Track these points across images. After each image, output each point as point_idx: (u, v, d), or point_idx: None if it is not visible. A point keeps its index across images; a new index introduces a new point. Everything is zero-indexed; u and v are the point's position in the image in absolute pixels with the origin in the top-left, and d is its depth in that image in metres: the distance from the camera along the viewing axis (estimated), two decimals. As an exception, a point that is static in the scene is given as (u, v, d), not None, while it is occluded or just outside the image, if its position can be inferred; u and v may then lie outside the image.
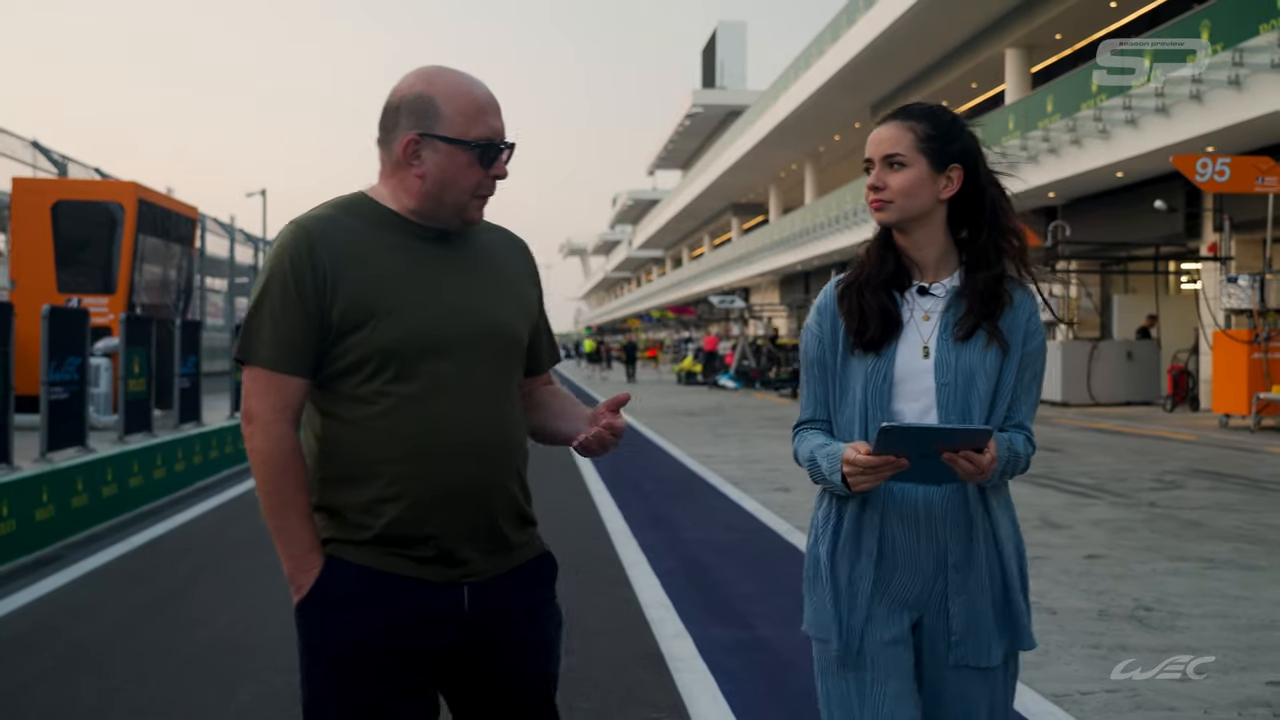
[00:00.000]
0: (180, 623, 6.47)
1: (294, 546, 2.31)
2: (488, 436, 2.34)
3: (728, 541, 8.87)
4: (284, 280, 2.28)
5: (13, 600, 6.91)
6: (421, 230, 2.37)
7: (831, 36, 39.91)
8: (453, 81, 2.34)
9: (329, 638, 2.31)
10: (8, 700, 5.03)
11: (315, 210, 2.37)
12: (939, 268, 2.55)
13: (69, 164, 16.63)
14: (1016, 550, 2.55)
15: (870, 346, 2.51)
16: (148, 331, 12.59)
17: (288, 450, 2.30)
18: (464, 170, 2.32)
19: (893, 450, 2.30)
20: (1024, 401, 2.53)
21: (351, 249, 2.30)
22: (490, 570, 2.36)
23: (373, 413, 2.29)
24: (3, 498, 7.95)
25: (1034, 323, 2.54)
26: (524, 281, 2.51)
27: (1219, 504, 10.49)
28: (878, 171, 2.51)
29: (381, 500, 2.30)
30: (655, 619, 6.30)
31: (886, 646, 2.49)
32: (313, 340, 2.29)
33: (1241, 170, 17.63)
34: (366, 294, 2.28)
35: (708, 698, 4.94)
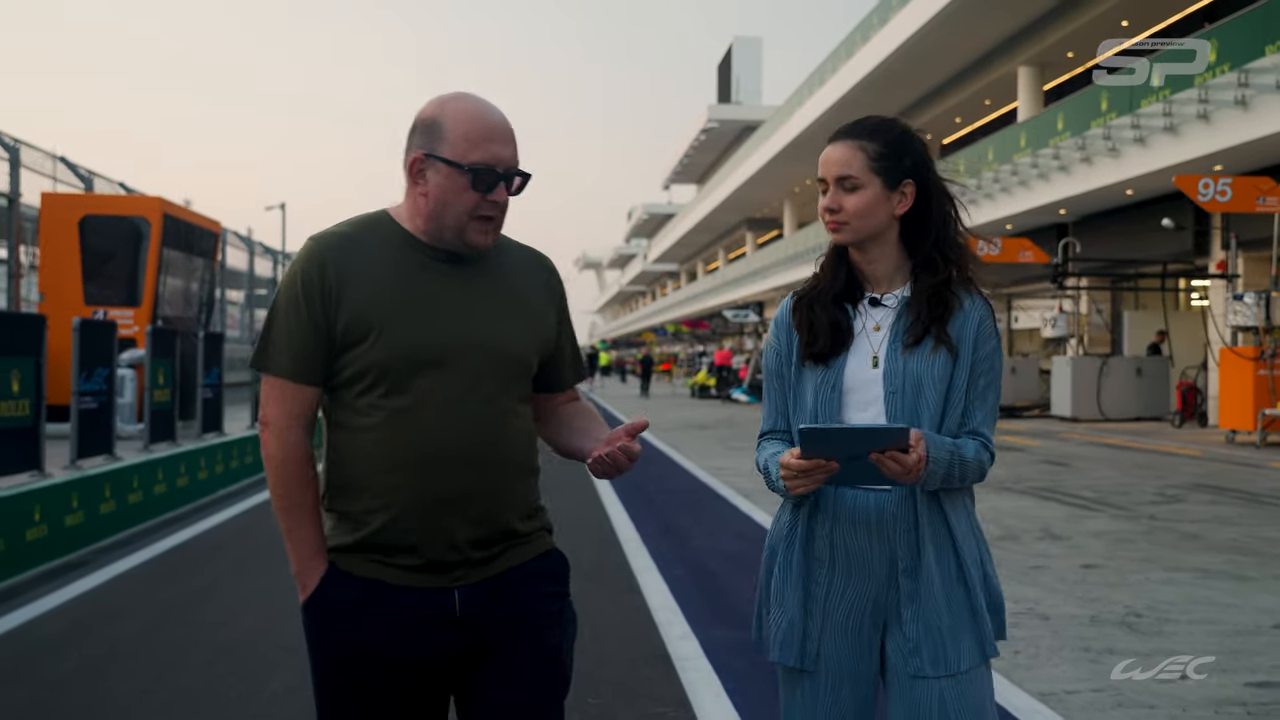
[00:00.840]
0: (208, 622, 6.75)
1: (301, 548, 2.42)
2: (477, 450, 2.38)
3: (736, 550, 9.13)
4: (296, 294, 2.38)
5: (47, 601, 7.20)
6: (432, 250, 2.43)
7: (846, 53, 40.20)
8: (464, 107, 2.41)
9: (330, 640, 2.41)
10: (47, 694, 5.31)
11: (334, 227, 2.47)
12: (891, 279, 2.59)
13: (95, 179, 17.02)
14: (978, 556, 2.54)
15: (819, 358, 2.55)
16: (172, 343, 12.90)
17: (299, 456, 2.41)
18: (460, 193, 2.37)
19: (819, 452, 2.35)
20: (978, 409, 2.54)
21: (359, 266, 2.39)
22: (480, 575, 2.41)
23: (368, 424, 2.38)
24: (35, 503, 8.24)
25: (984, 329, 2.55)
26: (539, 300, 2.54)
27: (1217, 517, 10.72)
28: (832, 193, 2.55)
29: (371, 510, 2.38)
30: (663, 621, 6.56)
31: (841, 654, 2.51)
32: (322, 352, 2.38)
33: (1243, 190, 17.87)
34: (366, 310, 2.36)
35: (711, 694, 5.20)
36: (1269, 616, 6.65)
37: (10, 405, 8.75)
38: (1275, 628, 6.41)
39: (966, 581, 2.49)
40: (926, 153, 2.59)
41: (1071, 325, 26.55)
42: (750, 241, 71.58)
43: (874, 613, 2.51)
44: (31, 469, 9.12)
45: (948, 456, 2.42)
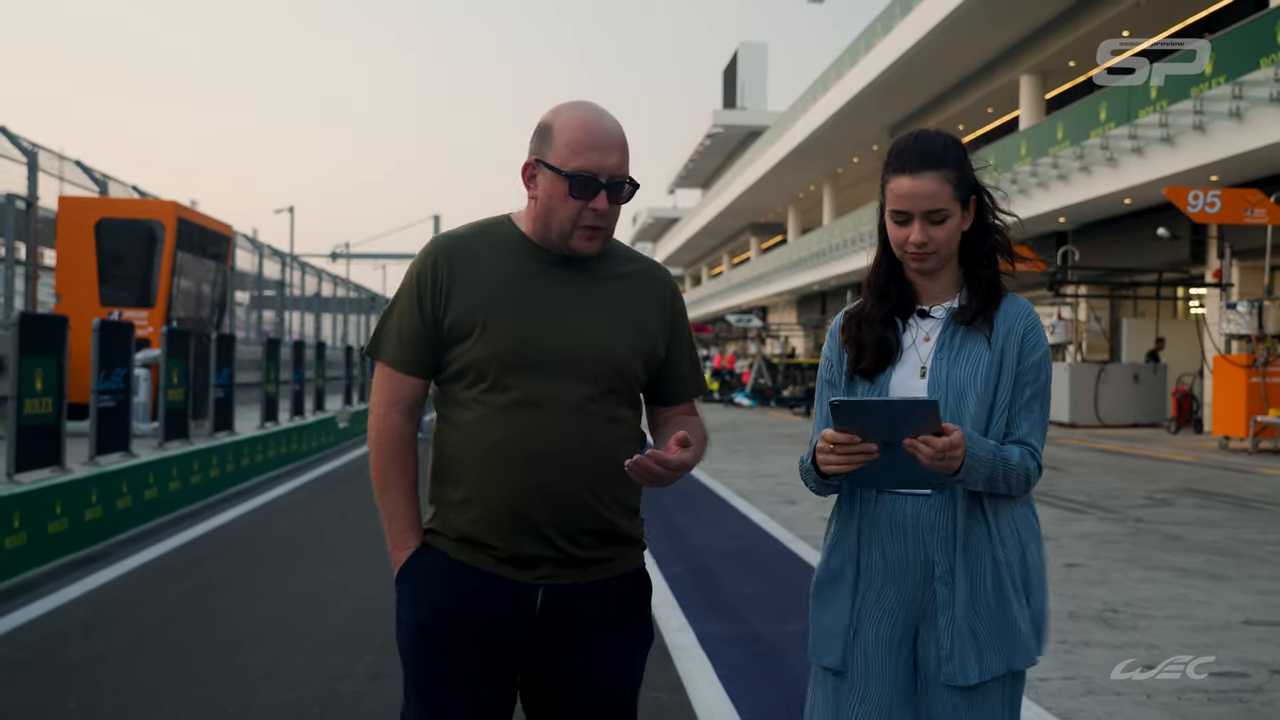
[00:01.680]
0: (224, 612, 7.06)
1: (394, 523, 2.53)
2: (568, 455, 2.42)
3: (733, 548, 9.44)
4: (410, 290, 2.50)
5: (68, 592, 7.50)
6: (545, 254, 2.50)
7: (850, 60, 40.50)
8: (576, 115, 2.46)
9: (415, 611, 2.50)
10: (79, 675, 5.62)
11: (456, 229, 2.58)
12: (944, 293, 2.61)
13: (109, 182, 17.34)
14: (1021, 565, 2.52)
15: (865, 375, 2.58)
16: (186, 344, 13.22)
17: (396, 439, 2.52)
18: (562, 199, 2.43)
19: (851, 428, 2.35)
20: (1024, 419, 2.53)
21: (471, 265, 2.48)
22: (566, 578, 2.46)
23: (468, 419, 2.47)
24: (56, 498, 8.56)
25: (1031, 338, 2.55)
26: (649, 311, 2.57)
27: (1202, 520, 11.01)
28: (921, 227, 2.52)
29: (465, 501, 2.46)
30: (661, 615, 6.85)
31: (873, 658, 2.53)
32: (429, 345, 2.49)
33: (1231, 202, 18.19)
34: (473, 308, 2.45)
35: (705, 680, 5.50)
36: (1239, 613, 6.95)
37: (35, 403, 9.07)
38: (1244, 623, 6.71)
39: (1002, 595, 2.48)
40: (973, 165, 2.60)
41: (1070, 332, 26.84)
42: (755, 246, 71.83)
43: (908, 618, 2.54)
44: (53, 465, 9.42)
45: (990, 455, 2.41)
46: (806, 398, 34.15)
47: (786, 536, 9.81)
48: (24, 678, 5.56)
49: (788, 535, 9.87)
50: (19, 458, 8.87)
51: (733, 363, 48.23)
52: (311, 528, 10.85)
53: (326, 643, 6.11)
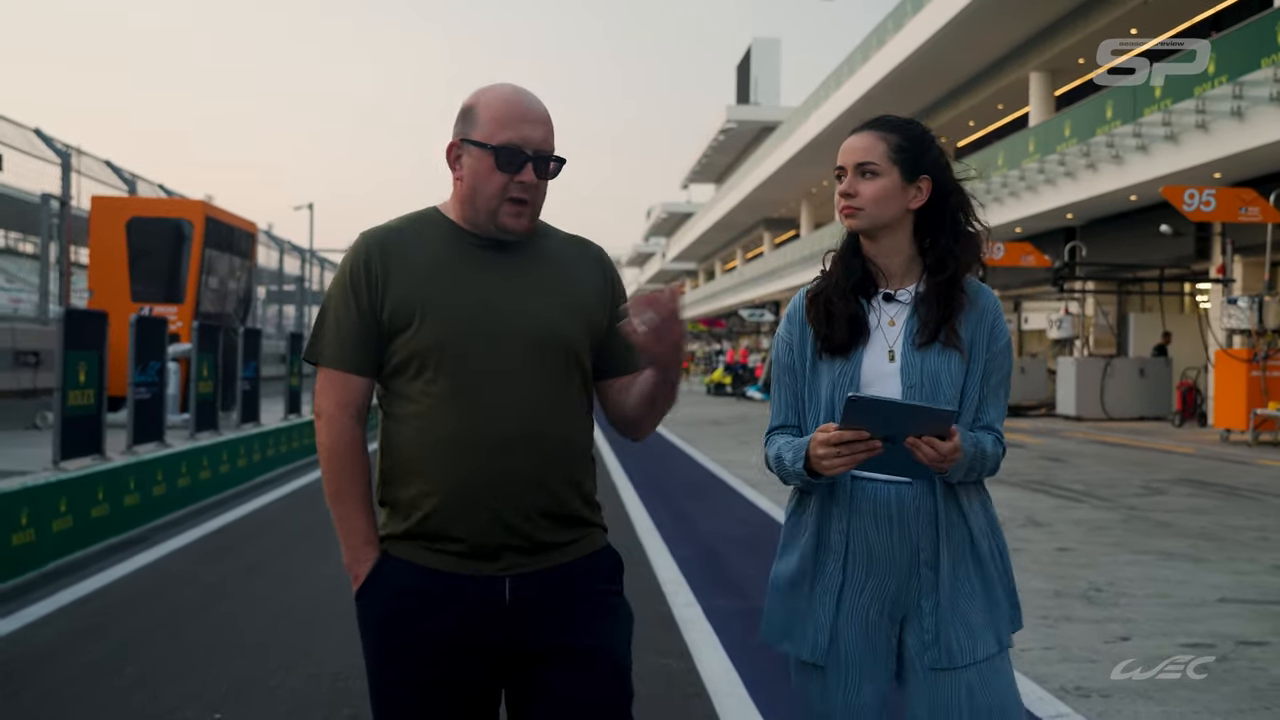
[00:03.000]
0: (261, 591, 7.53)
1: (351, 537, 2.45)
2: (522, 440, 2.37)
3: (739, 533, 9.90)
4: (344, 287, 2.43)
5: (114, 571, 7.98)
6: (476, 239, 2.46)
7: (862, 57, 40.82)
8: (498, 93, 2.45)
9: (382, 628, 2.43)
10: (132, 645, 6.09)
11: (385, 222, 2.52)
12: (904, 275, 2.61)
13: (138, 181, 17.88)
14: (995, 549, 2.58)
15: (837, 351, 2.57)
16: (215, 338, 13.73)
17: (347, 443, 2.44)
18: (488, 174, 2.39)
19: (860, 424, 2.35)
20: (991, 404, 2.57)
21: (405, 256, 2.43)
22: (531, 565, 2.40)
23: (415, 411, 2.40)
24: (99, 485, 9.04)
25: (998, 326, 2.59)
26: (586, 285, 2.53)
27: (1193, 508, 11.43)
28: (850, 179, 2.59)
29: (421, 496, 2.38)
30: (670, 592, 7.31)
31: (859, 648, 2.53)
32: (371, 342, 2.42)
33: (1226, 201, 18.60)
34: (410, 298, 2.39)
35: (709, 648, 5.96)
36: (1215, 591, 7.38)
37: (78, 395, 9.57)
38: (1219, 600, 7.14)
39: (984, 573, 2.53)
40: (944, 155, 2.64)
41: (1076, 327, 27.21)
42: (768, 241, 72.11)
43: (893, 606, 2.54)
44: (94, 453, 9.92)
45: (973, 449, 2.46)
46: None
47: (792, 522, 10.25)
48: (84, 646, 6.03)
49: (793, 521, 10.30)
50: (65, 446, 9.37)
51: (745, 356, 48.66)
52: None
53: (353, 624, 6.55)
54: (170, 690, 5.20)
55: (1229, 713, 4.99)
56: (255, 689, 5.22)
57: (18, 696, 5.14)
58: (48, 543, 7.99)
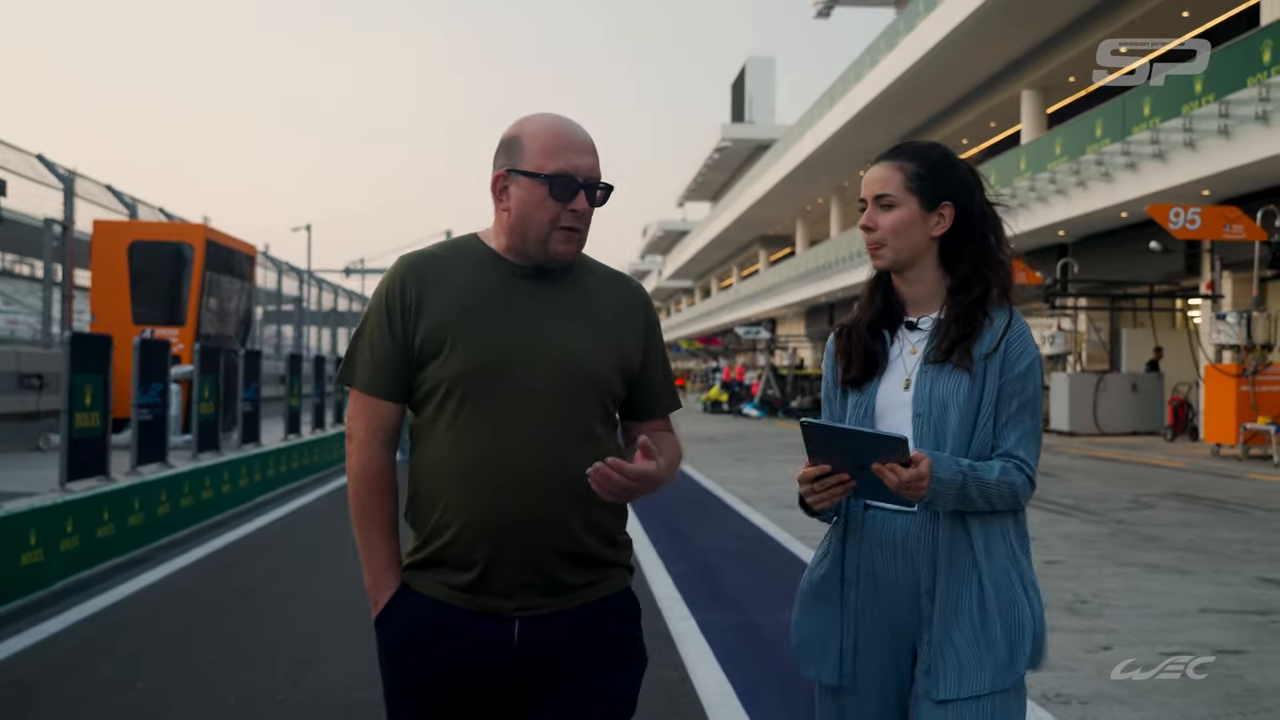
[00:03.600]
0: (265, 608, 7.71)
1: (373, 561, 2.45)
2: (544, 473, 2.35)
3: (733, 548, 10.08)
4: (379, 311, 2.43)
5: (121, 590, 8.14)
6: (515, 268, 2.44)
7: (855, 76, 41.12)
8: (543, 122, 2.44)
9: (396, 658, 2.44)
10: (142, 660, 6.27)
11: (423, 248, 2.51)
12: (929, 302, 2.60)
13: (138, 205, 18.09)
14: (1008, 582, 2.50)
15: (854, 384, 2.59)
16: (217, 360, 13.91)
17: (375, 470, 2.44)
18: (540, 203, 2.38)
19: (822, 453, 2.37)
20: (1011, 431, 2.50)
21: (440, 282, 2.41)
22: (547, 606, 2.38)
23: (440, 438, 2.39)
24: (104, 505, 9.21)
25: (1015, 349, 2.52)
26: (622, 322, 2.51)
27: (1181, 521, 11.62)
28: (869, 211, 2.58)
29: (441, 525, 2.38)
30: (665, 607, 7.48)
31: (871, 674, 2.54)
32: (403, 367, 2.42)
33: (1210, 219, 18.87)
34: (442, 325, 2.38)
35: (704, 661, 6.13)
36: (1196, 602, 7.57)
37: (84, 417, 9.75)
38: (1200, 611, 7.33)
39: (985, 608, 2.47)
40: (972, 177, 2.60)
41: (1069, 343, 27.43)
42: (763, 259, 72.40)
43: (901, 635, 2.54)
44: (100, 474, 10.09)
45: (959, 478, 2.40)
46: (814, 408, 34.78)
47: (785, 537, 10.45)
48: (95, 662, 6.20)
49: (786, 536, 10.50)
50: (71, 467, 9.55)
51: (742, 374, 48.85)
52: (335, 535, 11.42)
53: (358, 638, 6.73)
54: (181, 703, 5.38)
55: (1204, 718, 5.17)
56: (263, 702, 5.39)
57: (32, 712, 5.32)
58: (56, 562, 8.15)
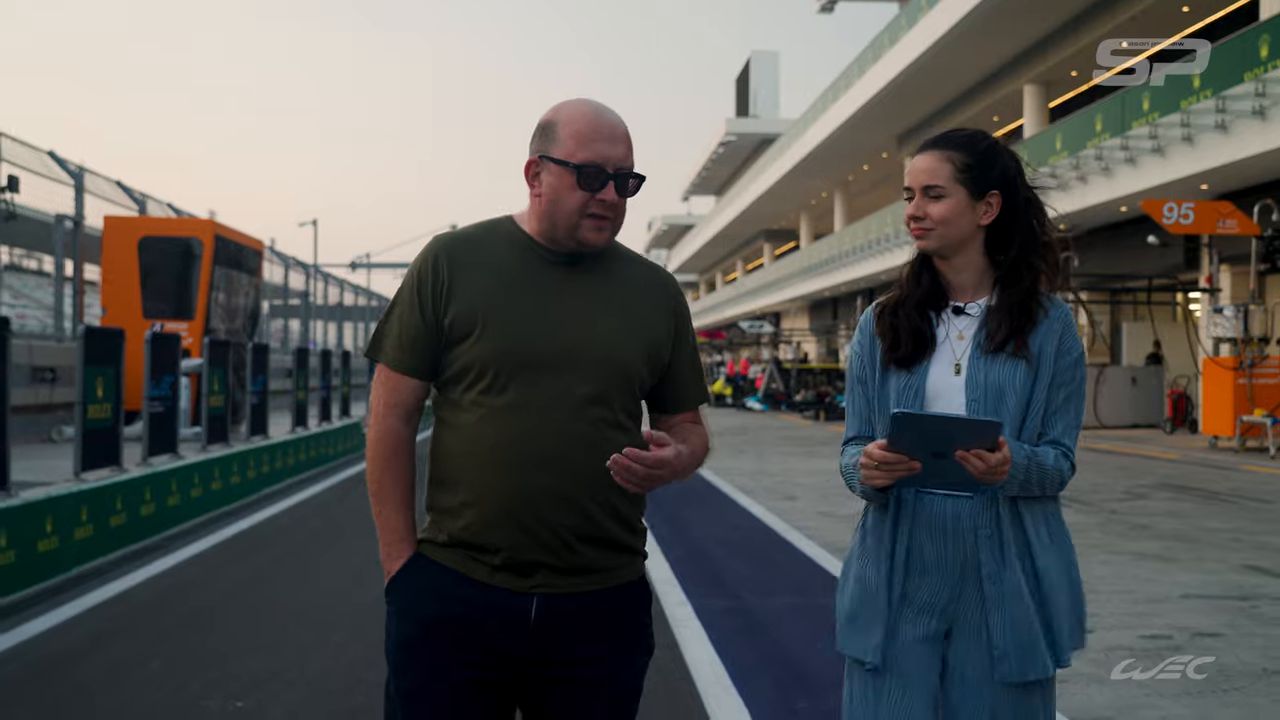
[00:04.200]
0: (276, 593, 7.95)
1: (387, 533, 2.47)
2: (570, 456, 2.37)
3: (732, 537, 10.30)
4: (411, 290, 2.45)
5: (135, 576, 8.37)
6: (548, 253, 2.45)
7: (859, 71, 41.27)
8: (577, 109, 2.44)
9: (404, 625, 2.45)
10: (157, 642, 6.50)
11: (457, 229, 2.54)
12: (976, 288, 2.62)
13: (147, 200, 18.34)
14: (1060, 567, 2.55)
15: (902, 363, 2.58)
16: (226, 353, 14.16)
17: (393, 444, 2.47)
18: (569, 191, 2.38)
19: (906, 441, 2.35)
20: (1059, 419, 2.54)
21: (473, 263, 2.43)
22: (564, 587, 2.40)
23: (468, 420, 2.40)
24: (117, 494, 9.44)
25: (1067, 340, 2.57)
26: (654, 315, 2.52)
27: (1171, 512, 11.83)
28: (918, 201, 2.58)
29: (463, 505, 2.40)
30: (662, 592, 7.70)
31: (910, 654, 2.54)
32: (430, 346, 2.44)
33: (1204, 214, 19.08)
34: (474, 306, 2.39)
35: (698, 641, 6.36)
36: (1178, 589, 7.79)
37: (97, 409, 9.99)
38: (1182, 597, 7.54)
39: (1040, 591, 2.51)
40: (1016, 163, 2.63)
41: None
42: (768, 253, 72.53)
43: (942, 618, 2.55)
44: (112, 465, 10.33)
45: (1025, 462, 2.45)
46: (817, 402, 34.97)
47: (782, 527, 10.68)
48: (111, 644, 6.45)
49: (783, 526, 10.73)
50: (85, 458, 9.79)
51: (746, 368, 49.05)
52: (341, 525, 11.67)
53: (363, 622, 6.95)
54: (195, 682, 5.61)
55: (1177, 694, 5.39)
56: (274, 681, 5.62)
57: (52, 690, 5.55)
58: (71, 550, 8.39)
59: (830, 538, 9.92)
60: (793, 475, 15.93)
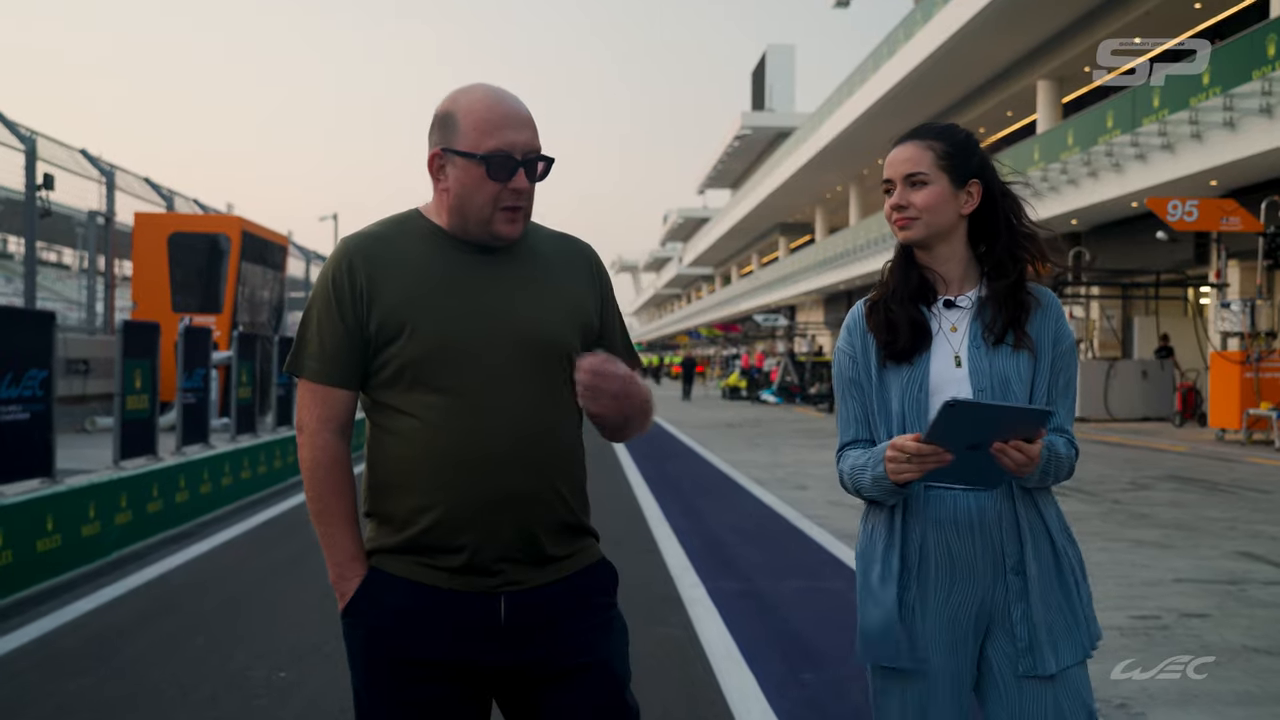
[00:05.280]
0: (309, 575, 8.27)
1: (337, 554, 2.37)
2: (524, 447, 2.31)
3: (745, 525, 10.67)
4: (327, 297, 2.35)
5: (172, 560, 8.77)
6: (463, 244, 2.38)
7: (874, 66, 41.52)
8: (476, 97, 2.34)
9: (370, 644, 2.35)
10: (202, 619, 6.89)
11: (365, 228, 2.42)
12: (963, 280, 2.59)
13: (174, 197, 18.77)
14: (1072, 554, 2.55)
15: (901, 357, 2.54)
16: (254, 347, 14.57)
17: (330, 460, 2.36)
18: (479, 184, 2.31)
19: (949, 433, 2.31)
20: (1060, 405, 2.54)
21: (390, 264, 2.34)
22: (531, 580, 2.34)
23: (410, 424, 2.32)
24: (154, 482, 9.85)
25: (1062, 326, 2.57)
26: (577, 286, 2.48)
27: (1173, 502, 12.16)
28: (900, 191, 2.56)
29: (418, 510, 2.31)
30: (677, 575, 8.07)
31: (942, 657, 2.50)
32: (355, 354, 2.34)
33: (1208, 211, 19.36)
34: (399, 307, 2.31)
35: (711, 621, 6.72)
36: (1172, 573, 8.13)
37: (135, 399, 10.40)
38: (1174, 581, 7.88)
39: (1064, 579, 2.51)
40: (989, 158, 2.64)
41: (1081, 330, 27.91)
42: (783, 246, 72.75)
43: (978, 616, 2.51)
44: (149, 453, 10.73)
45: (1046, 453, 2.43)
46: (830, 395, 35.30)
47: (793, 515, 11.05)
48: (157, 621, 6.85)
49: (794, 514, 11.10)
50: (123, 447, 10.19)
51: (761, 361, 49.37)
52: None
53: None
54: (239, 655, 6.00)
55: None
56: (312, 653, 6.00)
57: (107, 663, 5.93)
58: (112, 534, 8.80)
59: (839, 525, 10.29)
60: (805, 466, 16.30)
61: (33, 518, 7.65)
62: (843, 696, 5.29)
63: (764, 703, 5.18)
